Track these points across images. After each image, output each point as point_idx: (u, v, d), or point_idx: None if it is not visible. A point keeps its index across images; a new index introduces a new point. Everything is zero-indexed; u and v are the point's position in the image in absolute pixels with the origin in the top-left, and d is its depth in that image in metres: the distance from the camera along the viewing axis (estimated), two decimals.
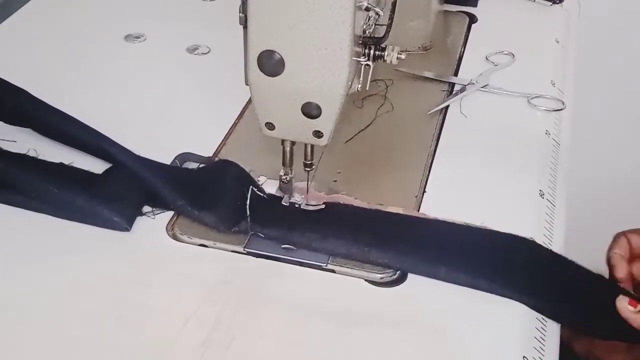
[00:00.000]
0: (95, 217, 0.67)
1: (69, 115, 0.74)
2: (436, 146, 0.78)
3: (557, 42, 0.98)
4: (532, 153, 0.79)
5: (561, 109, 0.85)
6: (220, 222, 0.67)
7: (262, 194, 0.69)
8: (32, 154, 0.73)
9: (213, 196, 0.68)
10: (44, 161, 0.72)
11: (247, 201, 0.67)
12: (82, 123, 0.74)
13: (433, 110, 0.83)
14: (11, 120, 0.76)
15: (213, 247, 0.66)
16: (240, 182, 0.69)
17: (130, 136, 0.74)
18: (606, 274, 0.68)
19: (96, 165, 0.72)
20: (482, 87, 0.86)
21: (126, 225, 0.66)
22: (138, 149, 0.72)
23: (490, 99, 0.86)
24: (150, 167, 0.70)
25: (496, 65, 0.90)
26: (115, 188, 0.69)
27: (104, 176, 0.70)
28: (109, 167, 0.71)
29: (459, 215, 0.68)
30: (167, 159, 0.74)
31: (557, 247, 0.69)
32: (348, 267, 0.64)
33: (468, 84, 0.87)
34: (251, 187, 0.68)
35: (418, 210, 0.70)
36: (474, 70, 0.90)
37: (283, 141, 0.67)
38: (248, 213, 0.67)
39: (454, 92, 0.86)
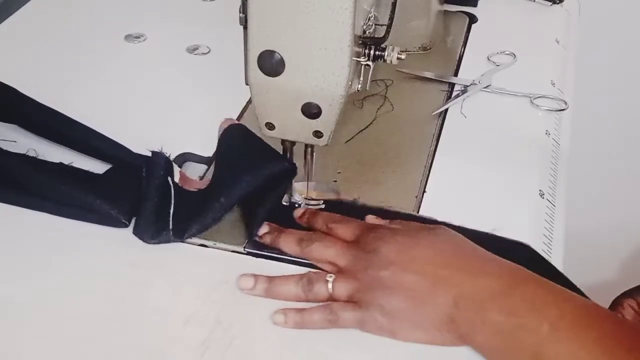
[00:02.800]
0: (94, 212, 0.67)
1: (55, 111, 0.75)
2: (436, 146, 0.78)
3: (557, 42, 0.98)
4: (532, 153, 0.79)
5: (564, 109, 0.85)
6: (141, 232, 0.66)
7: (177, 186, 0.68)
8: (32, 153, 0.73)
9: (136, 200, 0.67)
10: (44, 160, 0.72)
11: (170, 208, 0.66)
12: (68, 117, 0.74)
13: (437, 111, 0.83)
14: None
15: (213, 247, 0.66)
16: (162, 181, 0.68)
17: (130, 136, 0.74)
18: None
19: (96, 166, 0.72)
20: (484, 88, 0.86)
21: (125, 220, 0.66)
22: (138, 149, 0.72)
23: (491, 100, 0.86)
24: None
25: (498, 65, 0.90)
26: (115, 185, 0.69)
27: (104, 175, 0.70)
28: (109, 167, 0.71)
29: (459, 216, 0.68)
30: None
31: (557, 247, 0.69)
32: None
33: (471, 84, 0.87)
34: (172, 189, 0.67)
35: (418, 211, 0.70)
36: (474, 70, 0.90)
37: (283, 141, 0.67)
38: (171, 226, 0.65)
39: (457, 93, 0.86)
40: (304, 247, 0.63)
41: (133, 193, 0.68)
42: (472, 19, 1.01)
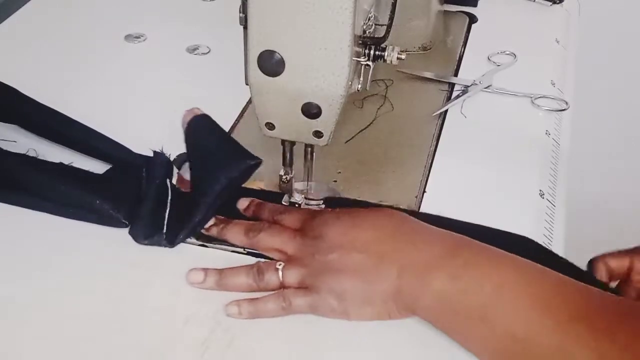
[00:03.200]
0: (94, 213, 0.66)
1: (55, 110, 0.74)
2: (436, 146, 0.78)
3: (557, 42, 0.98)
4: (532, 153, 0.79)
5: (564, 109, 0.85)
6: (136, 232, 0.66)
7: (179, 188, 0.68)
8: (32, 153, 0.73)
9: (136, 201, 0.67)
10: (44, 160, 0.72)
11: (165, 211, 0.65)
12: (68, 117, 0.74)
13: (438, 112, 0.83)
14: None
15: (213, 247, 0.66)
16: (161, 182, 0.67)
17: (130, 136, 0.74)
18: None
19: (96, 166, 0.72)
20: (485, 88, 0.86)
21: (125, 220, 0.66)
22: (138, 149, 0.72)
23: (492, 100, 0.86)
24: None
25: (499, 65, 0.90)
26: (115, 185, 0.68)
27: (104, 175, 0.70)
28: (109, 167, 0.71)
29: (459, 215, 0.68)
30: None
31: (557, 247, 0.69)
32: None
33: (471, 84, 0.87)
34: (170, 191, 0.66)
35: (418, 210, 0.70)
36: (474, 70, 0.90)
37: (283, 141, 0.67)
38: (164, 230, 0.65)
39: (458, 93, 0.85)
40: (251, 237, 0.64)
41: (133, 193, 0.68)
42: (472, 19, 1.01)
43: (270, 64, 0.59)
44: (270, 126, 0.64)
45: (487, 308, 0.54)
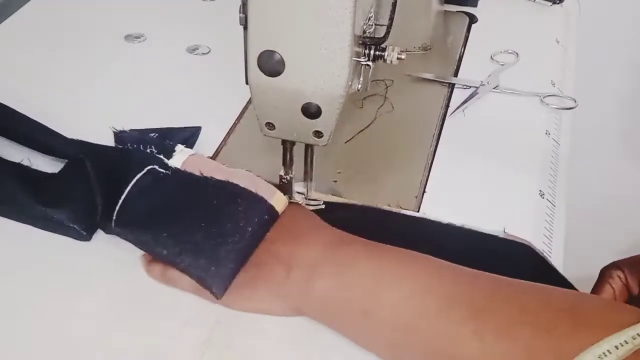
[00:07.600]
0: (51, 223, 0.66)
1: (22, 114, 0.74)
2: (436, 146, 0.78)
3: (557, 42, 0.98)
4: (532, 153, 0.79)
5: (573, 107, 0.85)
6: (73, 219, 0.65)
7: (164, 170, 0.66)
8: (26, 163, 0.72)
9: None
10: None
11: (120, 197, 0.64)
12: (36, 121, 0.74)
13: (451, 113, 0.82)
14: None
15: None
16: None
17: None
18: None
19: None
20: (493, 89, 0.86)
21: (85, 232, 0.66)
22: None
23: (493, 100, 0.86)
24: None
25: (502, 65, 0.90)
26: (62, 191, 0.68)
27: (58, 179, 0.69)
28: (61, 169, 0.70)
29: (459, 216, 0.68)
30: None
31: (557, 247, 0.69)
32: None
33: (480, 85, 0.87)
34: (136, 177, 0.65)
35: (418, 211, 0.70)
36: (474, 70, 0.90)
37: (283, 141, 0.67)
38: (115, 217, 0.63)
39: (470, 95, 0.85)
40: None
41: (88, 199, 0.66)
42: (472, 19, 1.01)
43: (270, 64, 0.59)
44: (270, 126, 0.64)
45: (365, 303, 0.55)
